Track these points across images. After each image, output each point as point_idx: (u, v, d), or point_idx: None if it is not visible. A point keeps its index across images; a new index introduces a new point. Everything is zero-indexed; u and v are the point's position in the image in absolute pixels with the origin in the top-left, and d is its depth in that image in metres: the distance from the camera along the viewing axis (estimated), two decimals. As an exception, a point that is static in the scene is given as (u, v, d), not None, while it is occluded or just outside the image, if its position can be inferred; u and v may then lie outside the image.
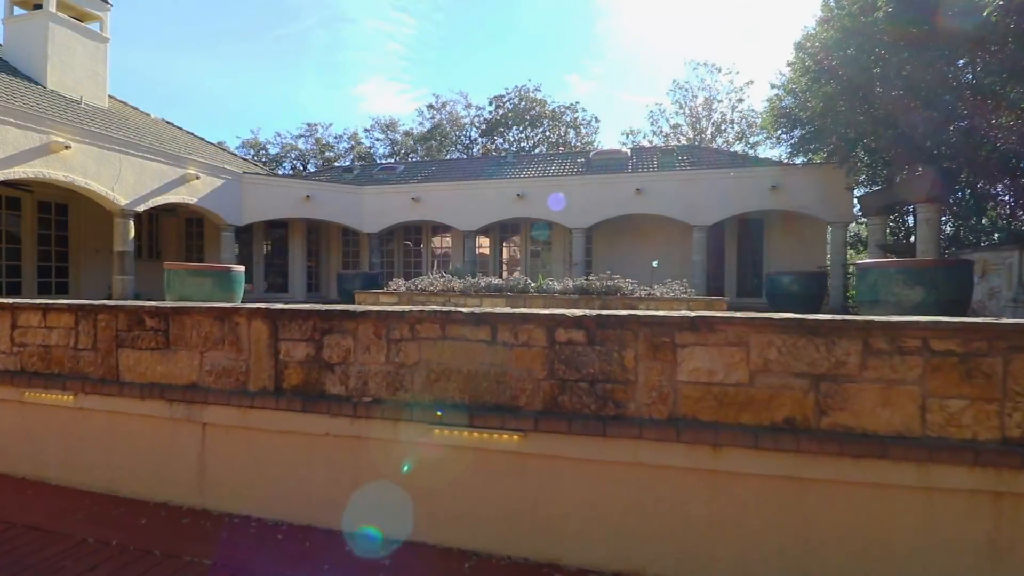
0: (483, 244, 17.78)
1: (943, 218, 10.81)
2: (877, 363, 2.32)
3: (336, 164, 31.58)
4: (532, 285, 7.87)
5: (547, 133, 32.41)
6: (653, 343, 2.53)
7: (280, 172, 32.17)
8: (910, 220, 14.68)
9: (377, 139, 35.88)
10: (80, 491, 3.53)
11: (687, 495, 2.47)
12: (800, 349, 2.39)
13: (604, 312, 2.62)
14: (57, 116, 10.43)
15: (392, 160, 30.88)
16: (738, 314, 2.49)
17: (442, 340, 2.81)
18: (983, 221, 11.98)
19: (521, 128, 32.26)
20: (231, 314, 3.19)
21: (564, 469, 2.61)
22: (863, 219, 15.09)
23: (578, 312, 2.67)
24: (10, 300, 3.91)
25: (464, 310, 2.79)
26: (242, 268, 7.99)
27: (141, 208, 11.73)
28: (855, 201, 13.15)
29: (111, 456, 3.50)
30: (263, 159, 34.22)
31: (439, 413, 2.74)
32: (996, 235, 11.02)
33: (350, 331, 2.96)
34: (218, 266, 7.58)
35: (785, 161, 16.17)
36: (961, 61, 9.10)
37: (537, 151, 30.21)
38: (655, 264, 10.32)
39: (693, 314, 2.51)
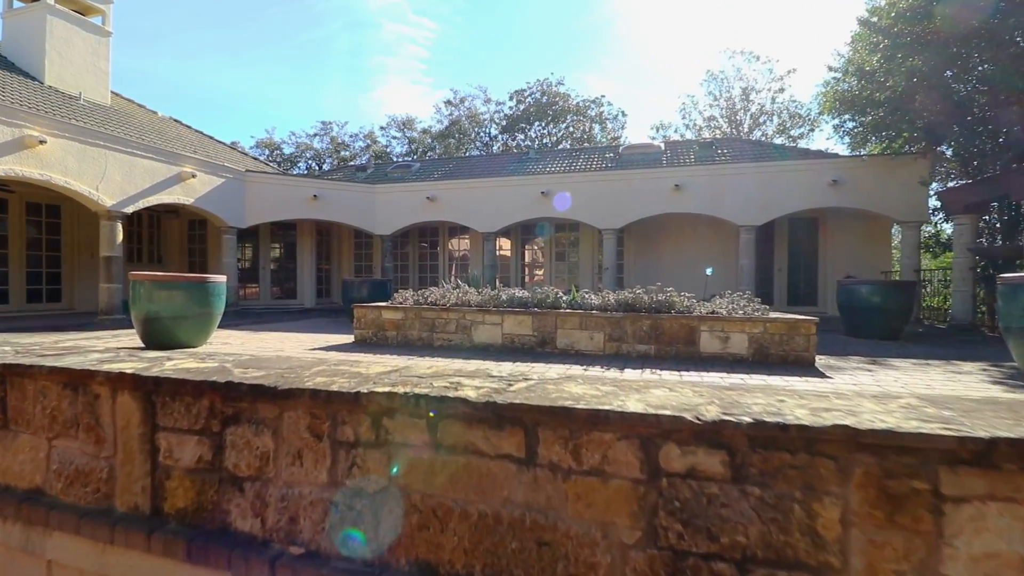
0: (504, 246, 16.44)
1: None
2: None
3: (351, 163, 30.60)
4: (564, 299, 6.47)
5: (571, 129, 30.80)
6: (885, 490, 1.16)
7: (295, 172, 31.33)
8: (992, 219, 12.85)
9: (394, 137, 34.75)
10: None
11: None
12: None
13: (767, 418, 1.25)
14: (32, 108, 9.44)
15: (409, 159, 29.73)
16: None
17: (432, 450, 1.48)
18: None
19: (544, 123, 30.74)
20: (87, 381, 1.92)
21: None
22: (936, 217, 13.30)
23: (709, 413, 1.30)
24: None
25: (471, 396, 1.45)
26: (223, 278, 6.80)
27: (130, 209, 10.69)
28: (933, 197, 11.40)
29: (-66, 588, 2.27)
30: (278, 159, 33.45)
31: (425, 593, 1.41)
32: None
33: (268, 422, 1.65)
34: (191, 276, 6.40)
35: (844, 153, 14.43)
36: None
37: (560, 147, 28.69)
38: (709, 272, 8.87)
39: (986, 436, 1.12)
